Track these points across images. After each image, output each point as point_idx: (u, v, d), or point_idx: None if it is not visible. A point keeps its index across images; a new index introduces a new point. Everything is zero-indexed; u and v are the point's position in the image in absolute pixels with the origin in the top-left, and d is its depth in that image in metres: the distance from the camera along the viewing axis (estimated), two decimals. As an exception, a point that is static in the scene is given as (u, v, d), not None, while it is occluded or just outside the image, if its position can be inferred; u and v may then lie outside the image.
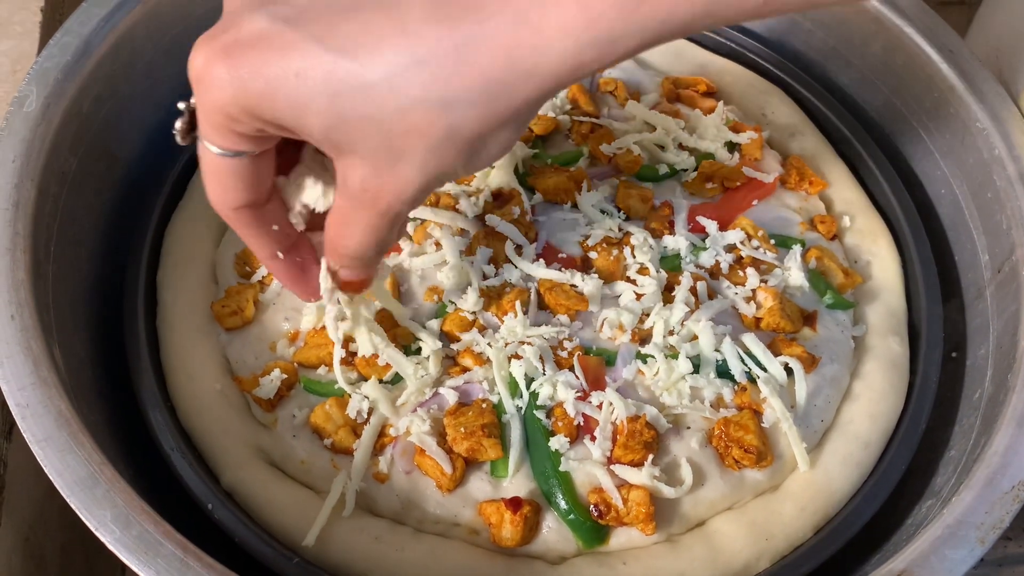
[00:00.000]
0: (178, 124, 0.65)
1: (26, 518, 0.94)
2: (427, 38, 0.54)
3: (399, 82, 0.54)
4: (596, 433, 0.83)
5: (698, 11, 0.52)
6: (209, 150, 0.62)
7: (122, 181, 1.00)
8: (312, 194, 0.69)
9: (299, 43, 0.55)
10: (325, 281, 0.72)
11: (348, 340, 0.85)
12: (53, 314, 0.84)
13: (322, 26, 0.55)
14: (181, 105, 0.65)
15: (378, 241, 0.65)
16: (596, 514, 0.81)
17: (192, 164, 1.01)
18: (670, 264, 0.93)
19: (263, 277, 0.93)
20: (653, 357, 0.87)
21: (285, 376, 0.87)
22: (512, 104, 0.56)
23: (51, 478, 0.71)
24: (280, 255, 0.71)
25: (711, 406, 0.86)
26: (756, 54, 1.12)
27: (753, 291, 0.92)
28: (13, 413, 0.74)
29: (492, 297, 0.90)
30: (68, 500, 0.70)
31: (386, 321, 0.88)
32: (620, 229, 0.94)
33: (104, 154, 0.97)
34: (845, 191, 1.03)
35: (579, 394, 0.85)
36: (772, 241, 0.96)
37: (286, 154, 0.68)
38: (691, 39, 1.13)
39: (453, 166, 0.59)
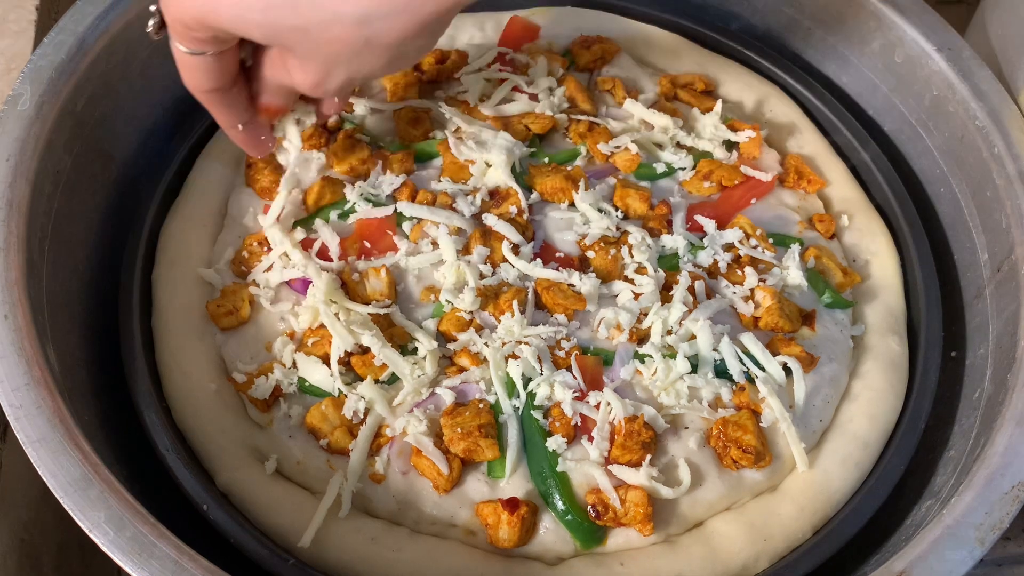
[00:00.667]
0: (151, 23, 0.78)
1: (22, 519, 0.93)
2: None
3: None
4: (594, 433, 0.83)
5: None
6: (178, 48, 0.76)
7: (117, 180, 1.00)
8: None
9: None
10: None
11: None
12: (47, 314, 0.83)
13: None
14: (152, 8, 0.77)
15: (290, 99, 0.85)
16: (594, 515, 0.81)
17: (187, 163, 1.01)
18: (668, 263, 0.93)
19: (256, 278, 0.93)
20: (651, 357, 0.86)
21: (280, 376, 0.86)
22: (423, 16, 0.66)
23: (45, 479, 0.71)
24: (240, 127, 0.86)
25: (709, 406, 0.86)
26: (755, 52, 1.11)
27: (751, 290, 0.92)
28: (7, 414, 0.73)
29: (489, 296, 0.89)
30: (62, 501, 0.70)
31: (382, 321, 0.87)
32: (618, 228, 0.94)
33: (99, 153, 0.97)
34: (844, 190, 1.03)
35: (577, 394, 0.84)
36: (770, 240, 0.95)
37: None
38: (691, 38, 1.12)
39: (376, 67, 0.72)
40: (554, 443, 0.82)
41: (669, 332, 0.88)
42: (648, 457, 0.82)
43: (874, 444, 0.88)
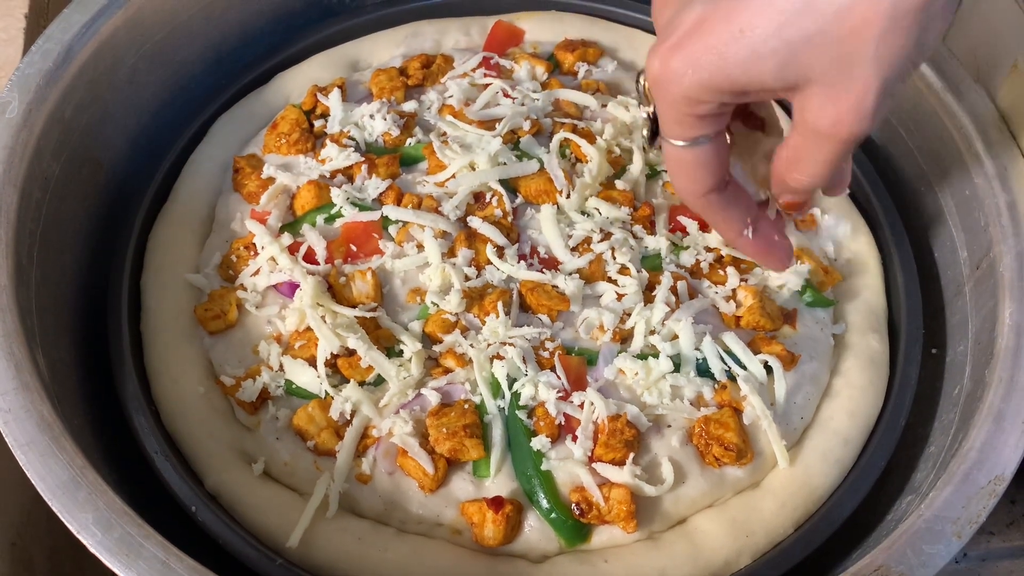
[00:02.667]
0: (645, 132, 0.74)
1: (14, 523, 0.94)
2: None
3: None
4: (578, 432, 0.84)
5: None
6: (675, 146, 0.69)
7: (105, 186, 1.01)
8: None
9: (736, 5, 0.60)
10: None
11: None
12: (36, 319, 0.84)
13: None
14: (643, 114, 0.73)
15: (833, 172, 0.67)
16: (578, 513, 0.82)
17: (175, 169, 1.02)
18: (651, 264, 0.94)
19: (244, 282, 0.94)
20: (634, 356, 0.87)
21: (268, 379, 0.87)
22: None
23: (33, 482, 0.72)
24: (748, 231, 0.76)
25: (691, 404, 0.87)
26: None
27: (733, 290, 0.93)
28: (-6, 417, 0.74)
29: (474, 298, 0.90)
30: (50, 503, 0.71)
31: (368, 323, 0.88)
32: (601, 230, 0.95)
33: (87, 160, 0.98)
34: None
35: (561, 394, 0.85)
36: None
37: None
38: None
39: (906, 50, 0.58)
40: (538, 443, 0.83)
41: (652, 332, 0.89)
42: (631, 455, 0.83)
43: (855, 441, 0.89)
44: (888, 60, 0.59)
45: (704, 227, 0.96)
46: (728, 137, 0.74)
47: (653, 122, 0.71)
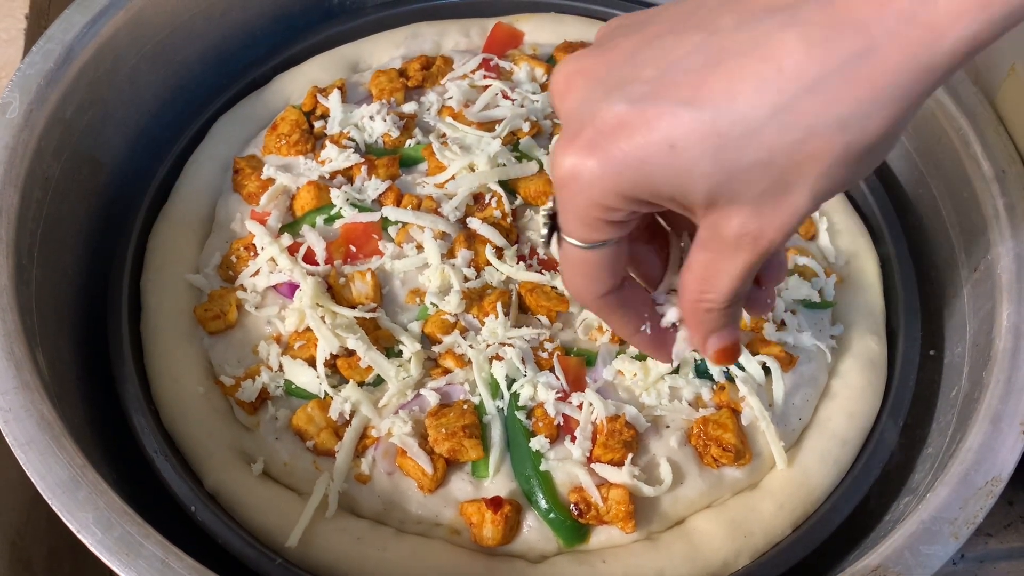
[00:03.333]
0: (543, 230, 0.65)
1: (13, 523, 0.94)
2: (809, 66, 0.52)
3: (787, 117, 0.52)
4: (576, 433, 0.84)
5: None
6: (574, 247, 0.62)
7: (106, 186, 1.01)
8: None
9: (666, 114, 0.54)
10: (684, 350, 0.71)
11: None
12: (36, 318, 0.84)
13: (686, 90, 0.54)
14: (543, 212, 0.65)
15: (744, 286, 0.62)
16: (576, 513, 0.82)
17: (176, 169, 1.02)
18: (650, 265, 0.94)
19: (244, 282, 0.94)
20: (633, 357, 0.88)
21: (267, 379, 0.87)
22: (907, 104, 0.53)
23: (33, 481, 0.72)
24: (645, 327, 0.70)
25: (690, 405, 0.87)
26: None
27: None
28: (-5, 417, 0.74)
29: (473, 299, 0.91)
30: (50, 503, 0.71)
31: (368, 324, 0.89)
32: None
33: (88, 160, 0.98)
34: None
35: (559, 394, 0.86)
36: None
37: None
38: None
39: (842, 182, 0.56)
40: (537, 443, 0.83)
41: (651, 332, 0.89)
42: (630, 456, 0.83)
43: (853, 442, 0.89)
44: (823, 190, 0.56)
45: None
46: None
47: (552, 219, 0.64)
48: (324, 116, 1.04)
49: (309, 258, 0.93)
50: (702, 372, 0.88)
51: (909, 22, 0.50)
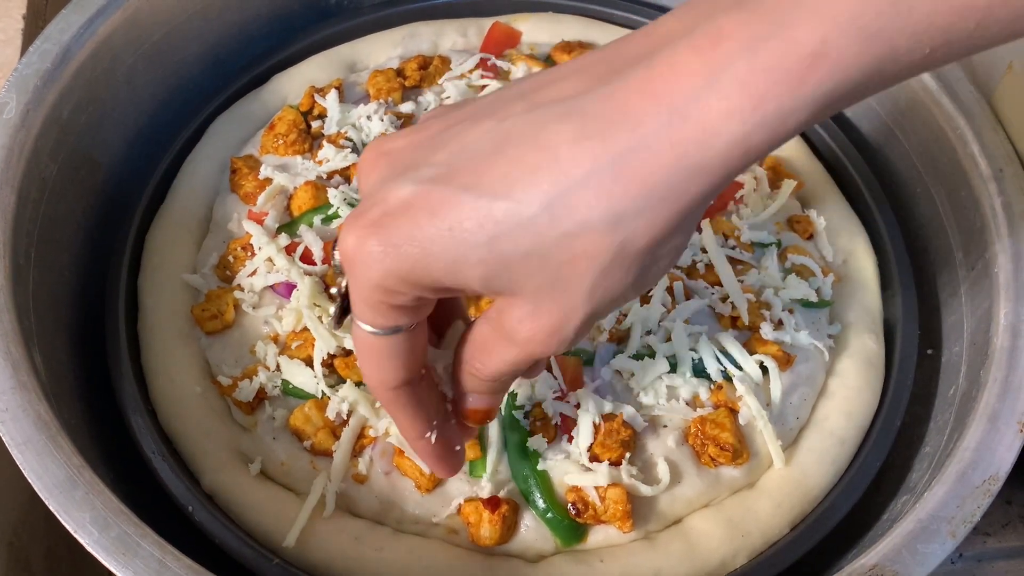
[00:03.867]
0: (332, 310, 0.65)
1: (11, 523, 0.94)
2: (582, 158, 0.51)
3: (560, 209, 0.51)
4: (574, 432, 0.84)
5: (869, 70, 0.48)
6: (365, 331, 0.60)
7: (103, 187, 1.01)
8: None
9: (449, 198, 0.53)
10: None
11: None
12: (33, 318, 0.84)
13: (469, 175, 0.53)
14: (333, 291, 0.64)
15: (513, 374, 0.63)
16: (574, 512, 0.82)
17: (173, 169, 1.02)
18: (647, 264, 0.94)
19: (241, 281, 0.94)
20: (631, 357, 0.88)
21: (264, 379, 0.87)
22: (682, 205, 0.52)
23: (30, 481, 0.72)
24: (431, 435, 0.68)
25: (688, 405, 0.87)
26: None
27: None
28: (-7, 418, 0.74)
29: (472, 299, 0.90)
30: (47, 502, 0.71)
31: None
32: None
33: (85, 160, 0.98)
34: (821, 191, 1.04)
35: (557, 394, 0.85)
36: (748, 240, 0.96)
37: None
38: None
39: (623, 287, 0.55)
40: (535, 443, 0.83)
41: (648, 332, 0.89)
42: (627, 455, 0.83)
43: (850, 441, 0.89)
44: (603, 294, 0.55)
45: (699, 227, 0.96)
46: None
47: (344, 298, 0.62)
48: (321, 116, 1.04)
49: (307, 258, 0.93)
50: (699, 372, 0.88)
51: (681, 119, 0.49)
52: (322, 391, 0.86)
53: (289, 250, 0.93)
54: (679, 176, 0.50)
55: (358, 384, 0.86)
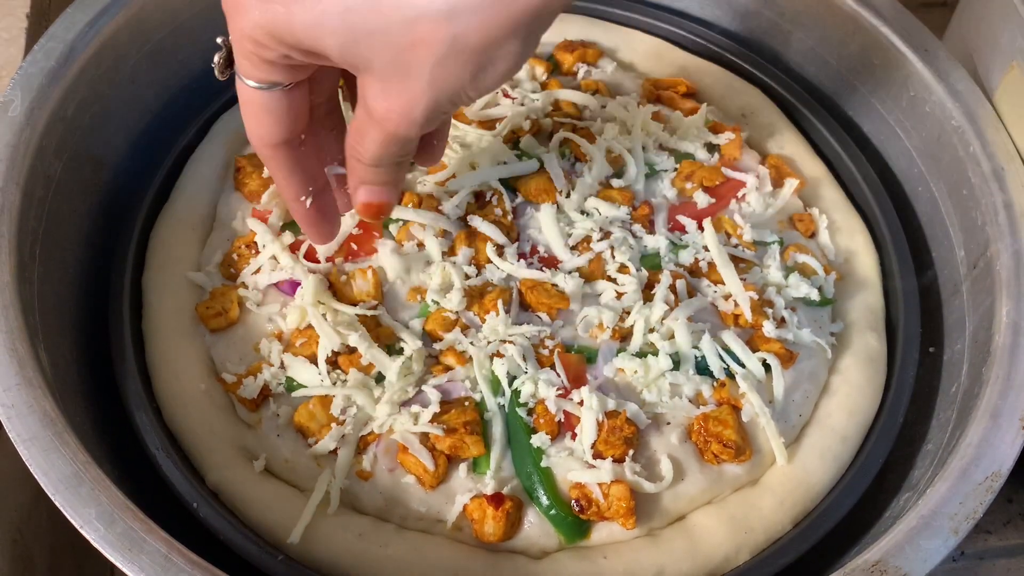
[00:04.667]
0: (216, 58, 0.71)
1: (14, 520, 0.95)
2: None
3: None
4: (577, 430, 0.84)
5: None
6: (246, 84, 0.68)
7: (107, 185, 1.01)
8: None
9: None
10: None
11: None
12: (38, 316, 0.84)
13: None
14: (220, 40, 0.71)
15: (390, 155, 0.70)
16: (577, 509, 0.82)
17: (176, 168, 1.02)
18: (650, 263, 0.94)
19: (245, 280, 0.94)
20: (633, 355, 0.88)
21: (269, 376, 0.88)
22: (515, 11, 0.59)
23: (36, 477, 0.72)
24: (306, 199, 0.78)
25: (691, 402, 0.87)
26: (735, 55, 1.13)
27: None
28: (-1, 414, 0.74)
29: (474, 296, 0.91)
30: (53, 498, 0.71)
31: (369, 321, 0.89)
32: (601, 229, 0.95)
33: (89, 158, 0.98)
34: (823, 189, 1.05)
35: (560, 391, 0.86)
36: (751, 239, 0.97)
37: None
38: (671, 40, 1.14)
39: (460, 81, 0.62)
40: (538, 440, 0.84)
41: (651, 330, 0.90)
42: (631, 452, 0.84)
43: (853, 438, 0.89)
44: (441, 83, 0.62)
45: (702, 226, 0.97)
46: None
47: (229, 50, 0.71)
48: (326, 114, 1.04)
49: (310, 256, 0.93)
50: (703, 369, 0.88)
51: None
52: (326, 388, 0.86)
53: (293, 248, 0.94)
54: None
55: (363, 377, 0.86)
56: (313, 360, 0.88)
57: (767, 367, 0.89)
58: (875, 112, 1.08)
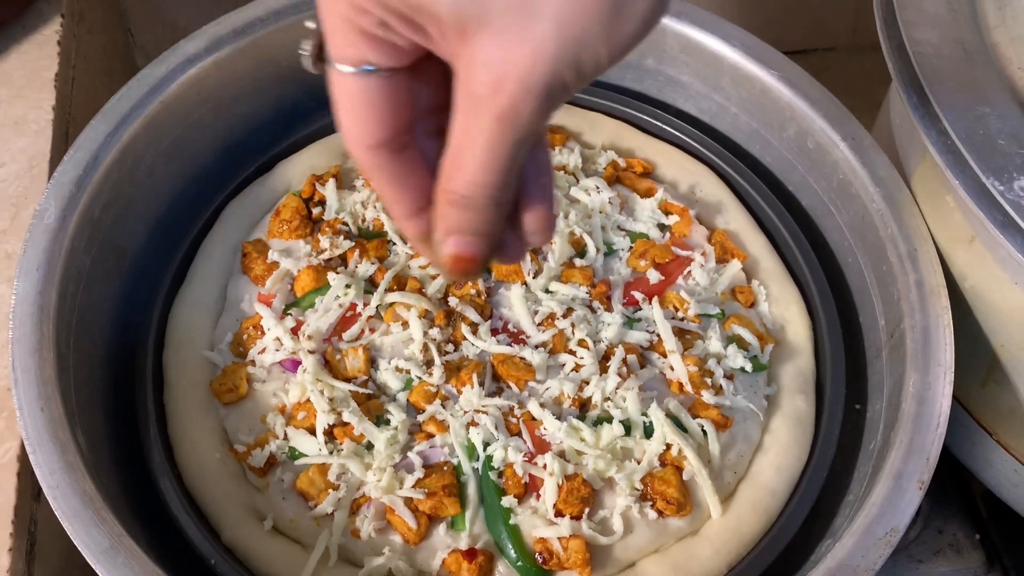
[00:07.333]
0: (307, 46, 0.62)
1: (55, 569, 1.07)
2: None
3: None
4: (541, 491, 0.97)
5: None
6: (340, 72, 0.59)
7: (129, 271, 1.13)
8: None
9: None
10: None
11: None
12: (74, 399, 0.97)
13: None
14: (310, 24, 0.62)
15: (501, 163, 0.57)
16: (541, 561, 0.95)
17: (191, 253, 1.15)
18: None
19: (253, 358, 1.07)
20: (592, 423, 1.01)
21: (274, 447, 1.01)
22: None
23: (80, 549, 0.85)
24: (419, 219, 0.65)
25: (638, 463, 1.00)
26: (688, 136, 1.25)
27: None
28: (46, 494, 0.87)
29: (452, 370, 1.04)
30: (95, 568, 0.84)
31: (360, 395, 1.02)
32: (563, 304, 1.08)
33: (113, 249, 1.10)
34: (764, 261, 1.17)
35: (526, 456, 0.99)
36: (696, 312, 1.09)
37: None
38: (629, 122, 1.26)
39: (592, 27, 0.52)
40: (508, 501, 0.96)
41: (607, 399, 1.02)
42: (586, 510, 0.96)
43: (781, 492, 1.02)
44: (571, 22, 0.52)
45: (650, 300, 1.09)
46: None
47: (320, 36, 0.61)
48: (322, 202, 1.17)
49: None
50: (649, 433, 1.01)
51: None
52: (323, 457, 0.99)
53: (295, 330, 1.06)
54: None
55: (354, 446, 0.99)
56: (312, 432, 1.01)
57: (705, 432, 1.01)
58: (811, 189, 1.19)
